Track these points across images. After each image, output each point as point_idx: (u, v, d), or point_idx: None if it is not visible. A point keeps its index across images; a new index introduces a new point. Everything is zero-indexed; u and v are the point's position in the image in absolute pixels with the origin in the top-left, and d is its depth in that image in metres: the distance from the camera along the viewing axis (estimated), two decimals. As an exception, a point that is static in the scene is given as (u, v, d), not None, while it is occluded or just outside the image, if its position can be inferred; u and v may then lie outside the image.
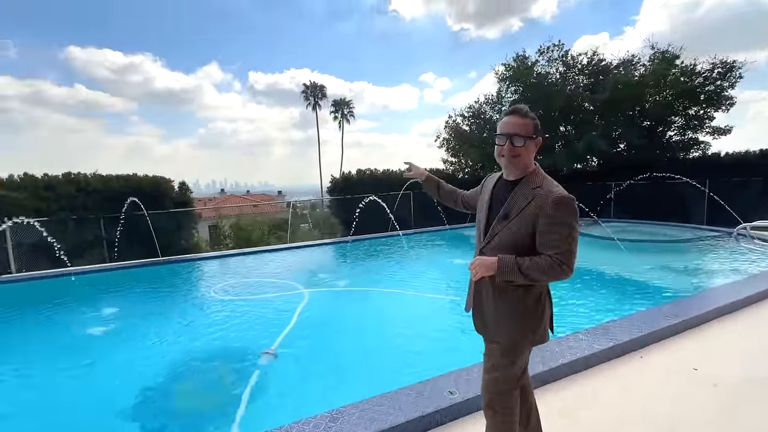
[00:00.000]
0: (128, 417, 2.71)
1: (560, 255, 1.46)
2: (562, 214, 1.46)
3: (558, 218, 1.46)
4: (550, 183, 1.55)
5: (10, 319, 5.04)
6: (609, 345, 3.13)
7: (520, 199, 1.58)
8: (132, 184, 9.54)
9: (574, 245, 1.48)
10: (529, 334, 1.63)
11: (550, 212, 1.46)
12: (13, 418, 2.80)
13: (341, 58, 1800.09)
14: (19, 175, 8.51)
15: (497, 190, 1.72)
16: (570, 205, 1.47)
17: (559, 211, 1.46)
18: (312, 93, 46.53)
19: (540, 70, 13.69)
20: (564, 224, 1.46)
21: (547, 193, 1.49)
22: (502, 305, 1.65)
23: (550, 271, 1.47)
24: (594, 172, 14.00)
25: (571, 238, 1.47)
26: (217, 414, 2.69)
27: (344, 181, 12.20)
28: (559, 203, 1.46)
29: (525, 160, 1.59)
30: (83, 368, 3.54)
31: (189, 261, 8.23)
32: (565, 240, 1.46)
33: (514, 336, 1.64)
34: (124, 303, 5.50)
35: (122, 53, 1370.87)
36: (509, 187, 1.64)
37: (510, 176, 1.66)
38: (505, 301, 1.64)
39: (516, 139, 1.56)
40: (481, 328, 1.79)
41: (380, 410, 2.40)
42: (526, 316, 1.63)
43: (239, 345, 3.81)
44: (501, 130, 1.60)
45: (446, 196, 2.22)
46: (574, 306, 4.71)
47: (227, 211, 13.98)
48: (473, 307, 1.81)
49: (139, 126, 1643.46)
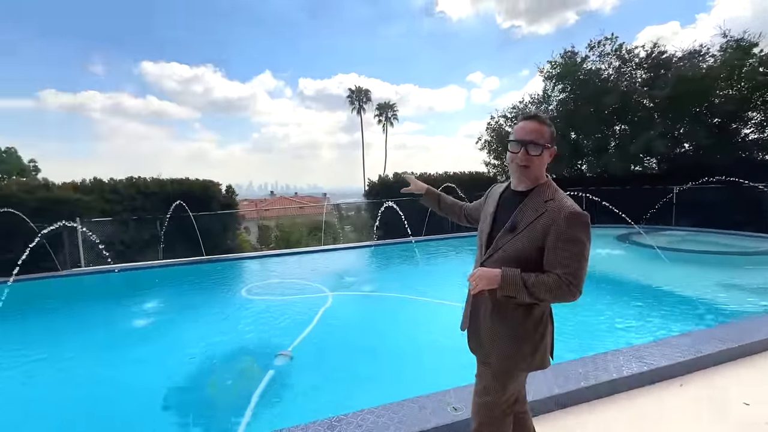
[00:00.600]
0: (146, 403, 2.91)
1: (569, 275, 1.34)
2: (575, 231, 1.35)
3: (570, 235, 1.35)
4: (563, 196, 1.44)
5: (78, 308, 5.72)
6: (642, 369, 2.83)
7: (529, 211, 1.46)
8: (184, 188, 10.28)
9: (584, 264, 1.36)
10: (525, 359, 1.50)
11: (563, 228, 1.35)
12: (67, 386, 3.23)
13: (388, 61, 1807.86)
14: (90, 180, 9.55)
15: (504, 201, 1.61)
16: (584, 221, 1.36)
17: (572, 228, 1.35)
18: (357, 97, 47.48)
19: (590, 66, 12.83)
20: (576, 241, 1.35)
21: (560, 208, 1.38)
22: (500, 325, 1.53)
23: (556, 290, 1.35)
24: (654, 175, 12.83)
25: (582, 256, 1.36)
26: (227, 411, 2.80)
27: (380, 184, 12.25)
28: (572, 219, 1.35)
29: (537, 170, 1.49)
30: (119, 355, 3.92)
31: (227, 261, 8.75)
32: (575, 258, 1.35)
33: (508, 360, 1.52)
34: (167, 298, 6.00)
35: (188, 66, 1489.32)
36: (518, 198, 1.53)
37: (520, 186, 1.54)
38: (504, 321, 1.52)
39: (532, 147, 1.45)
40: (475, 348, 1.67)
41: (379, 422, 2.36)
42: (524, 340, 1.49)
43: (258, 344, 3.96)
44: (516, 136, 1.49)
45: (448, 209, 2.10)
46: (604, 322, 4.33)
47: (270, 213, 14.63)
48: (469, 324, 1.70)
49: (200, 132, 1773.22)
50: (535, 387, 2.58)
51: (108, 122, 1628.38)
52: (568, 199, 1.43)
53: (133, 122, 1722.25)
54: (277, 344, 3.85)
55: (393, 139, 49.42)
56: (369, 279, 6.68)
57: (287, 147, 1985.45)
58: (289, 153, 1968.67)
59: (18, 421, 2.88)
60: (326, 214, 12.33)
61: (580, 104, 12.85)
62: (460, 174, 13.38)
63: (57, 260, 7.82)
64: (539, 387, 2.60)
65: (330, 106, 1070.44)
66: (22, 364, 3.87)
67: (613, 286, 5.72)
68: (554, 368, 2.85)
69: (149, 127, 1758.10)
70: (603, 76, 12.60)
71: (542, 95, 14.38)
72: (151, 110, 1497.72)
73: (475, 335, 1.65)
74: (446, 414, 2.39)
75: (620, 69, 12.55)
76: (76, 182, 9.42)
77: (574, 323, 4.39)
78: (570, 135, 13.97)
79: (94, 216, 8.88)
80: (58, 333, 4.77)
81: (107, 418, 2.85)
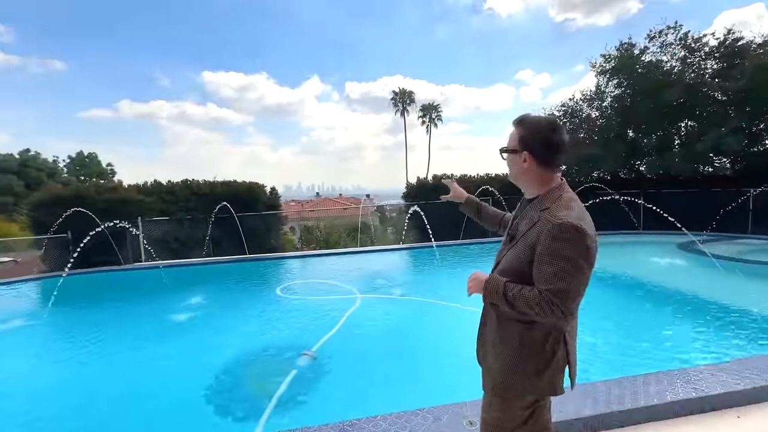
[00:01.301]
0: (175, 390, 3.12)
1: (550, 292, 1.22)
2: (558, 245, 1.21)
3: (553, 248, 1.22)
4: (563, 205, 1.28)
5: (135, 299, 6.29)
6: (690, 395, 2.52)
7: (526, 220, 1.38)
8: (232, 189, 10.93)
9: (572, 284, 1.21)
10: (529, 378, 1.36)
11: (547, 241, 1.23)
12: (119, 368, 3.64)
13: (433, 62, 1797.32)
14: (150, 182, 10.46)
15: (519, 210, 1.54)
16: (568, 236, 1.20)
17: (555, 241, 1.21)
18: (401, 99, 47.61)
19: (650, 58, 11.79)
20: (560, 257, 1.21)
21: (550, 218, 1.25)
22: (503, 338, 1.42)
23: (536, 307, 1.24)
24: (726, 177, 11.50)
25: (566, 274, 1.20)
26: (247, 408, 2.91)
27: (419, 187, 12.16)
28: (556, 232, 1.21)
29: (523, 176, 1.39)
30: (163, 343, 4.30)
31: (266, 260, 9.16)
32: (558, 276, 1.21)
33: (509, 375, 1.40)
34: (211, 293, 6.42)
35: (243, 74, 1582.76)
36: (525, 206, 1.46)
37: (527, 194, 1.46)
38: (507, 334, 1.41)
39: (502, 153, 1.43)
40: (481, 359, 1.59)
41: (391, 429, 2.32)
42: (528, 357, 1.36)
43: (285, 343, 4.08)
44: None
45: (489, 219, 1.98)
46: (651, 340, 3.92)
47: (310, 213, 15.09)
48: (478, 334, 1.62)
49: (253, 137, 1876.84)
50: (560, 406, 2.40)
51: (173, 129, 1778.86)
52: (567, 208, 1.27)
53: (196, 128, 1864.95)
54: (303, 343, 3.95)
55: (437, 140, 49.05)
56: (399, 282, 6.62)
57: (333, 149, 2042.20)
58: (335, 155, 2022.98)
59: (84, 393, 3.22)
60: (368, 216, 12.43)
61: (638, 100, 11.84)
62: (502, 176, 12.90)
63: (120, 255, 8.63)
64: (566, 406, 2.41)
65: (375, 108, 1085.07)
66: (88, 346, 4.42)
67: (667, 300, 5.18)
68: (585, 387, 2.63)
69: (209, 133, 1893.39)
70: (665, 68, 11.51)
71: (595, 91, 13.45)
72: (211, 117, 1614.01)
73: (482, 345, 1.57)
74: (461, 428, 2.30)
75: (686, 60, 11.39)
76: (139, 184, 10.37)
77: (617, 337, 4.04)
78: (627, 133, 12.94)
79: (154, 215, 9.71)
80: (119, 320, 5.32)
81: (150, 395, 3.22)
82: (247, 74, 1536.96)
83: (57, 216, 8.04)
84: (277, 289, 6.16)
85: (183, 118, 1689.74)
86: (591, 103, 13.63)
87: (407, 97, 47.65)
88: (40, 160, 34.42)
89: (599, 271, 6.94)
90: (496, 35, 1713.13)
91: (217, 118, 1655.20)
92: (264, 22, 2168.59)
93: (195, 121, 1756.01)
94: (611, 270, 6.77)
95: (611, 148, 12.15)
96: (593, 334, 4.02)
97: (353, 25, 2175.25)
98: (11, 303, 6.54)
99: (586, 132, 13.56)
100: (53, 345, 4.69)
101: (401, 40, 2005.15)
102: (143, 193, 10.06)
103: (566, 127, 14.03)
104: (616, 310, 5.02)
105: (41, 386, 3.58)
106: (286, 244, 12.67)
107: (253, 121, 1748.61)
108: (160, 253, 9.33)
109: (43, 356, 4.24)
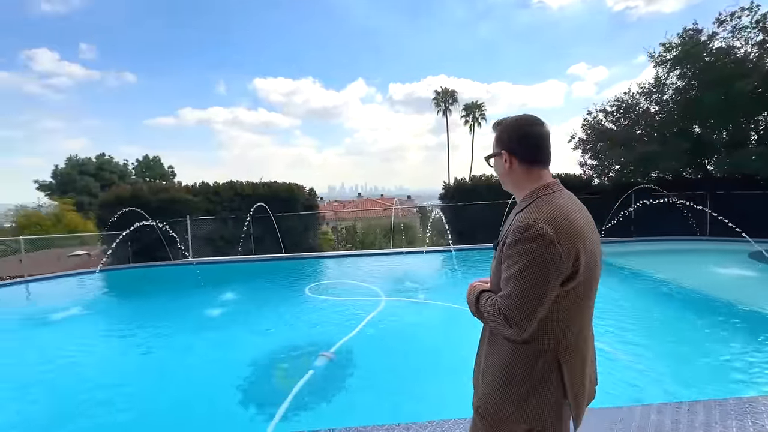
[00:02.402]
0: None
1: (502, 300, 1.09)
2: (516, 249, 1.06)
3: (509, 252, 1.08)
4: (536, 207, 1.11)
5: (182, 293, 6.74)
6: (746, 428, 2.17)
7: (506, 225, 1.25)
8: (273, 190, 11.34)
9: (522, 293, 1.04)
10: (513, 404, 1.18)
11: (508, 242, 1.09)
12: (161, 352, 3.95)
13: (478, 59, 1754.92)
14: (198, 183, 11.14)
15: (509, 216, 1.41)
16: (524, 236, 1.04)
17: (513, 243, 1.07)
18: (443, 99, 46.91)
19: (720, 44, 10.57)
20: (513, 259, 1.07)
21: (517, 219, 1.12)
22: (491, 355, 1.27)
23: (492, 317, 1.13)
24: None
25: (515, 279, 1.05)
26: (263, 405, 2.95)
27: (456, 188, 11.84)
28: (517, 233, 1.06)
29: (509, 178, 1.26)
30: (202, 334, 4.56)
31: (299, 259, 9.40)
32: (510, 281, 1.07)
33: (490, 398, 1.23)
34: (247, 290, 6.73)
35: (291, 79, 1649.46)
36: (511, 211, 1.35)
37: (517, 198, 1.31)
38: (495, 351, 1.25)
39: (488, 160, 1.33)
40: (474, 378, 1.45)
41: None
42: (511, 380, 1.19)
43: (306, 342, 4.11)
44: None
45: None
46: (705, 362, 3.46)
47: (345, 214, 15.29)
48: (477, 350, 1.49)
49: (300, 139, 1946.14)
50: (583, 431, 2.16)
51: (228, 133, 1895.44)
52: (540, 209, 1.10)
53: (248, 132, 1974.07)
54: (323, 343, 3.96)
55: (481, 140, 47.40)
56: (425, 286, 6.43)
57: (376, 150, 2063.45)
58: (378, 156, 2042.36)
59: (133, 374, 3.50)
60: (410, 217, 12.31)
61: (705, 91, 10.65)
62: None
63: (170, 251, 9.28)
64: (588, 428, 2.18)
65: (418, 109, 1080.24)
66: (141, 333, 4.86)
67: (729, 317, 4.54)
68: (613, 411, 2.37)
69: (260, 136, 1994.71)
70: (737, 55, 10.26)
71: (654, 83, 12.31)
72: (261, 121, 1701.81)
73: (477, 362, 1.41)
74: (470, 445, 2.15)
75: (764, 44, 10.06)
76: (189, 185, 11.09)
77: (662, 358, 3.61)
78: (691, 129, 11.70)
79: (201, 215, 10.33)
80: (167, 311, 5.78)
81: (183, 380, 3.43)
82: (294, 79, 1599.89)
83: (118, 214, 8.84)
84: (306, 289, 6.28)
85: (236, 123, 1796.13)
86: (649, 97, 12.49)
87: (449, 97, 46.84)
88: (113, 163, 38.10)
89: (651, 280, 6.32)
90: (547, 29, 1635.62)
91: (266, 121, 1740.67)
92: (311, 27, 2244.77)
93: (246, 125, 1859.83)
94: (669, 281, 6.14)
95: (672, 145, 11.04)
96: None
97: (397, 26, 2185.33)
98: (79, 291, 7.29)
99: (644, 128, 12.46)
100: (113, 327, 5.25)
101: (446, 38, 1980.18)
102: (191, 193, 10.73)
103: (621, 123, 12.99)
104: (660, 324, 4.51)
105: (105, 358, 4.19)
106: (323, 244, 12.92)
107: (299, 124, 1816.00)
108: (206, 250, 9.91)
109: (108, 334, 4.76)
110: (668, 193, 8.80)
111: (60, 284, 7.80)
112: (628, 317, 4.59)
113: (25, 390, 3.43)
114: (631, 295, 5.64)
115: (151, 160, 42.42)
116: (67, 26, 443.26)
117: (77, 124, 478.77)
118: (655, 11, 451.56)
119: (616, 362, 3.40)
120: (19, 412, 3.10)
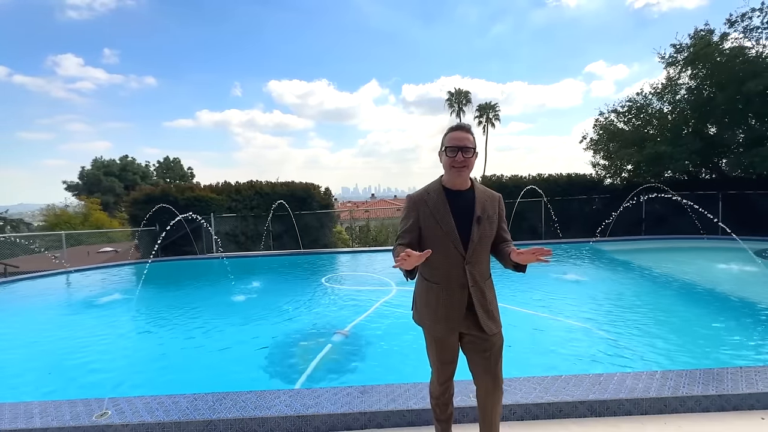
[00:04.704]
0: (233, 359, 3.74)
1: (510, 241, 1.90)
2: (504, 207, 1.91)
3: (503, 212, 1.89)
4: (483, 186, 1.87)
5: (207, 284, 7.31)
6: (707, 392, 2.50)
7: (488, 202, 1.80)
8: (290, 189, 11.90)
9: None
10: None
11: (501, 207, 1.87)
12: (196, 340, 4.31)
13: (493, 59, 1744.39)
14: (220, 183, 11.78)
15: (454, 201, 1.75)
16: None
17: (503, 206, 1.89)
18: (456, 100, 47.06)
19: (732, 44, 10.61)
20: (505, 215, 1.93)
21: (494, 195, 1.85)
22: (489, 289, 1.85)
23: None
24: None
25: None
26: (289, 370, 3.41)
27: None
28: (501, 200, 1.90)
29: (471, 170, 1.76)
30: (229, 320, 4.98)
31: (316, 254, 9.93)
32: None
33: (499, 319, 1.85)
34: (269, 281, 7.25)
35: (306, 81, 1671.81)
36: (468, 194, 1.78)
37: (464, 186, 1.78)
38: (490, 285, 1.87)
39: (466, 151, 1.69)
40: (483, 311, 1.91)
41: (407, 394, 2.63)
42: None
43: (325, 322, 4.61)
44: (451, 144, 1.70)
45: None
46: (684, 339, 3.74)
47: (364, 214, 15.75)
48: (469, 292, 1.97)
49: (314, 140, 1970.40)
50: (568, 389, 2.53)
51: (244, 134, 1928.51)
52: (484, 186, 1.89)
53: (263, 134, 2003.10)
54: (339, 323, 4.47)
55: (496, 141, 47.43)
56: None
57: (389, 151, 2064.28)
58: (391, 157, 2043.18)
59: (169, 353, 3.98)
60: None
61: (718, 91, 10.70)
62: (556, 176, 12.45)
63: (196, 246, 9.90)
64: (573, 389, 2.54)
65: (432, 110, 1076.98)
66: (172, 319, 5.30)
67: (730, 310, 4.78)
68: (599, 376, 2.72)
69: (275, 138, 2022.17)
70: (749, 55, 10.29)
71: (665, 84, 12.36)
72: (276, 122, 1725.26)
73: (476, 296, 1.88)
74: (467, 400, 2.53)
75: (778, 44, 10.08)
76: (212, 184, 11.73)
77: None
78: (704, 129, 11.74)
79: (223, 212, 10.95)
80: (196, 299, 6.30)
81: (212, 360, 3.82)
82: (309, 81, 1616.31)
83: (148, 212, 9.49)
84: (323, 279, 6.77)
85: (252, 125, 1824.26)
86: (661, 97, 12.55)
87: (463, 98, 46.98)
88: (135, 164, 39.61)
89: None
90: (564, 28, 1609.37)
91: (281, 123, 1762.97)
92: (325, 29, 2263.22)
93: (262, 127, 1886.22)
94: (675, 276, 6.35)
95: (685, 145, 11.11)
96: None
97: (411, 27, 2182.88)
98: (111, 282, 7.92)
99: (656, 128, 12.53)
100: (162, 310, 5.73)
101: (460, 39, 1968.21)
102: (214, 192, 11.37)
103: (633, 123, 13.05)
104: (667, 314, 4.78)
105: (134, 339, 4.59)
106: (337, 242, 13.40)
107: (313, 126, 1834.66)
108: (229, 246, 10.50)
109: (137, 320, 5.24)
110: (672, 192, 8.93)
111: (106, 273, 8.45)
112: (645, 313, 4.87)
113: (119, 350, 4.11)
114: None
115: (171, 161, 43.86)
116: (92, 32, 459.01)
117: (100, 127, 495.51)
118: (678, 7, 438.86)
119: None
120: (126, 356, 3.88)
